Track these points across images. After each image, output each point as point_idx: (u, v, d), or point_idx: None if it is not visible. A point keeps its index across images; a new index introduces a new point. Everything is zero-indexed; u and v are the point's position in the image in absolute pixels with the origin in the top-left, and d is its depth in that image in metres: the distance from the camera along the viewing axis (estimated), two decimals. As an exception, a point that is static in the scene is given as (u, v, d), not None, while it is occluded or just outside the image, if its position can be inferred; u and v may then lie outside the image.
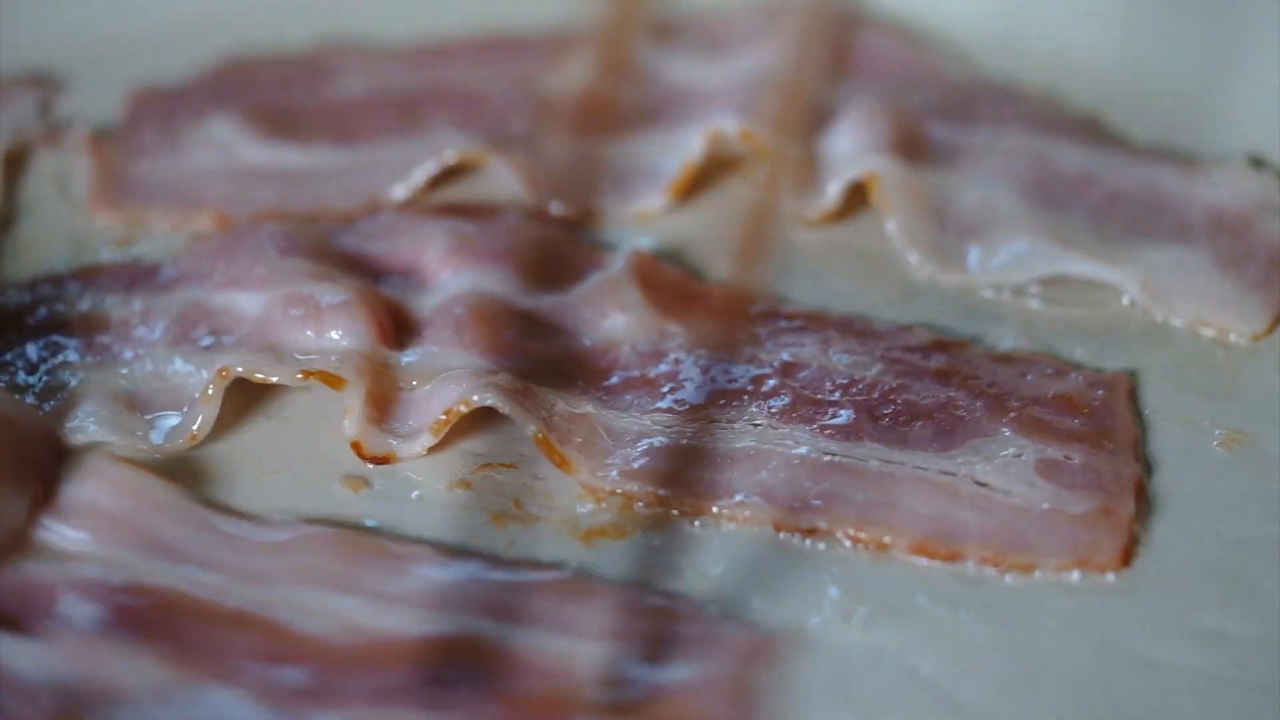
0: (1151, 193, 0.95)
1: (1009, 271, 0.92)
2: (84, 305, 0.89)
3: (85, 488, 0.76)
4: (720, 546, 0.79)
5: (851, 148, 0.96)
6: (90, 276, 0.92)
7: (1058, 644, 0.75)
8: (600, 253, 0.91)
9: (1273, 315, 0.90)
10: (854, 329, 0.87)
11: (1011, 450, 0.80)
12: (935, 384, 0.83)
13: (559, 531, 0.80)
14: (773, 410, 0.82)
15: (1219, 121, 1.01)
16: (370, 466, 0.82)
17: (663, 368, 0.85)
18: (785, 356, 0.85)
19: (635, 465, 0.80)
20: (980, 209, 0.94)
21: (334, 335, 0.85)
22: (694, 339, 0.86)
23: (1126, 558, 0.77)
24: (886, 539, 0.78)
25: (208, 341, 0.86)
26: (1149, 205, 0.95)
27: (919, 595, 0.77)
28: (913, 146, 0.97)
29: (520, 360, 0.84)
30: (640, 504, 0.80)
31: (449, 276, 0.88)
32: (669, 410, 0.83)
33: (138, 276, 0.91)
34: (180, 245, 0.94)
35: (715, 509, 0.79)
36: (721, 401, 0.83)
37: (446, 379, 0.82)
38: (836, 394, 0.83)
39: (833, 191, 0.95)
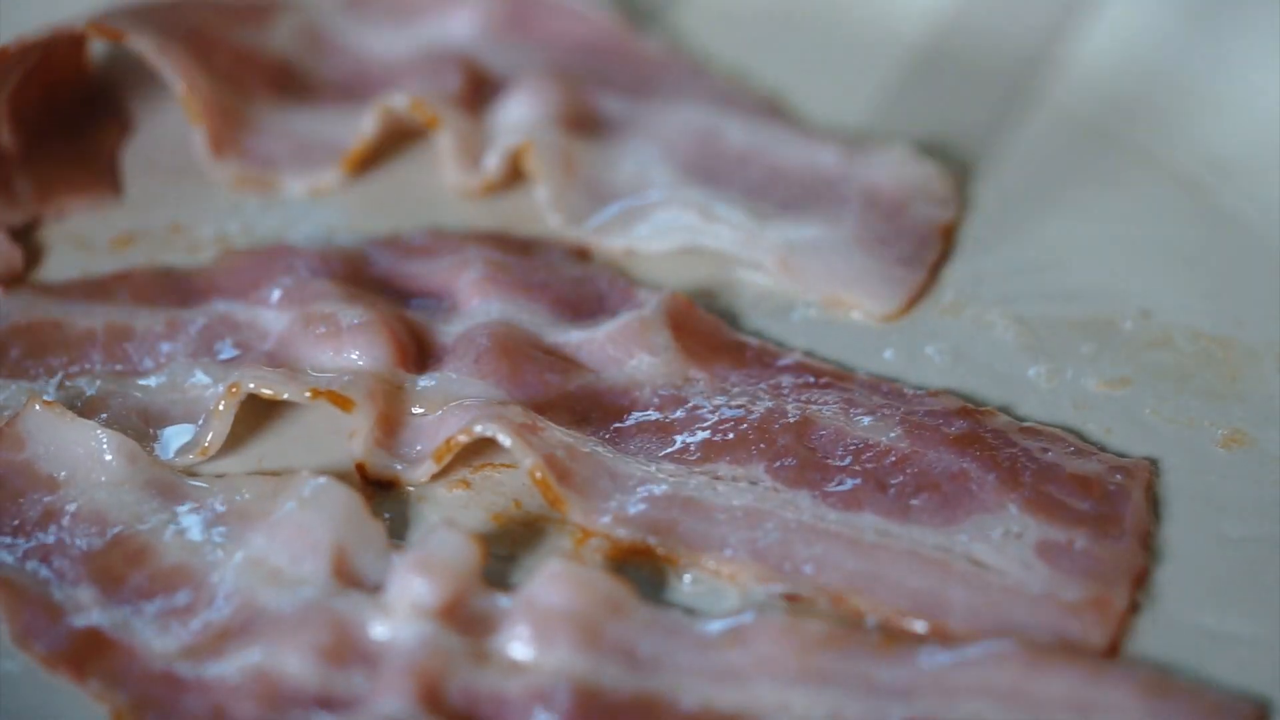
0: (810, 172, 0.97)
1: (651, 241, 0.94)
2: (111, 312, 0.89)
3: (544, 592, 0.74)
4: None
5: (518, 118, 0.98)
6: (120, 283, 0.91)
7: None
8: (637, 292, 0.91)
9: (907, 296, 0.91)
10: (880, 389, 0.86)
11: (1015, 529, 0.79)
12: (951, 453, 0.82)
13: (558, 531, 0.80)
14: (779, 470, 0.81)
15: (1219, 121, 1.01)
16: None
17: (679, 414, 0.84)
18: (805, 413, 0.84)
19: (630, 512, 0.80)
20: (634, 180, 0.97)
21: (353, 355, 0.85)
22: (716, 387, 0.86)
23: (1115, 649, 0.75)
24: (865, 607, 0.77)
25: (227, 355, 0.86)
26: (806, 184, 0.97)
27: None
28: (581, 118, 0.99)
29: (537, 393, 0.84)
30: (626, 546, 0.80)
31: (479, 304, 0.88)
32: (676, 458, 0.82)
33: (167, 286, 0.91)
34: (212, 257, 0.94)
35: (702, 561, 0.79)
36: (728, 457, 0.82)
37: (457, 407, 0.82)
38: (847, 459, 0.82)
39: (491, 162, 0.96)
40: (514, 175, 0.97)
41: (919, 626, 0.76)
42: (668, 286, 0.90)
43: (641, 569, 0.78)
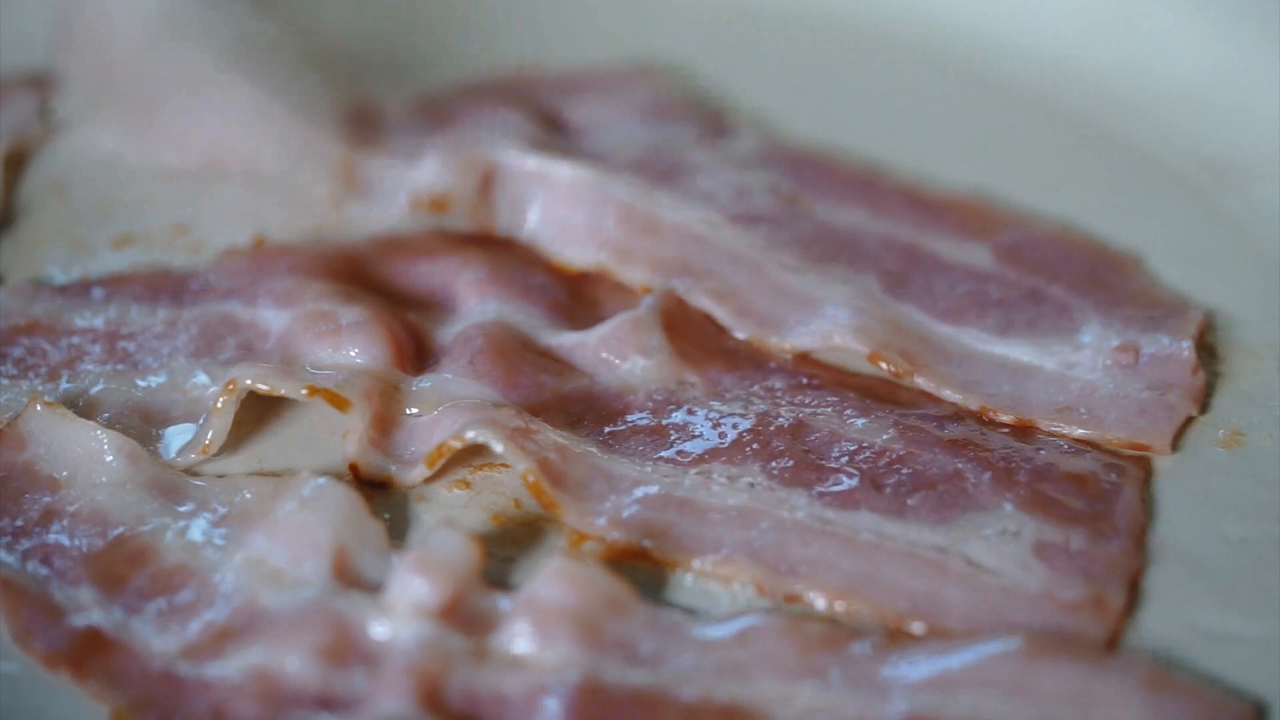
0: None
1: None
2: (111, 312, 0.89)
3: (545, 590, 0.75)
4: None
5: None
6: (120, 283, 0.92)
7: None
8: (636, 294, 0.91)
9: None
10: (875, 391, 0.86)
11: (1011, 527, 0.79)
12: (945, 453, 0.82)
13: (558, 532, 0.80)
14: (774, 471, 0.81)
15: (1219, 124, 1.02)
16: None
17: (674, 417, 0.84)
18: (799, 416, 0.84)
19: (624, 514, 0.80)
20: None
21: (351, 353, 0.85)
22: (710, 390, 0.86)
23: (1113, 648, 0.76)
24: (862, 609, 0.77)
25: (228, 354, 0.87)
26: None
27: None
28: None
29: (531, 395, 0.84)
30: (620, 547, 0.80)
31: (476, 304, 0.89)
32: (671, 460, 0.82)
33: (167, 286, 0.91)
34: (212, 257, 0.94)
35: (697, 563, 0.79)
36: (724, 458, 0.82)
37: (451, 409, 0.82)
38: (843, 460, 0.82)
39: None
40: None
41: (916, 628, 0.76)
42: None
43: (641, 568, 0.78)
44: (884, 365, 0.86)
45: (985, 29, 1.09)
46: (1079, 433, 0.84)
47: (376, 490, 0.82)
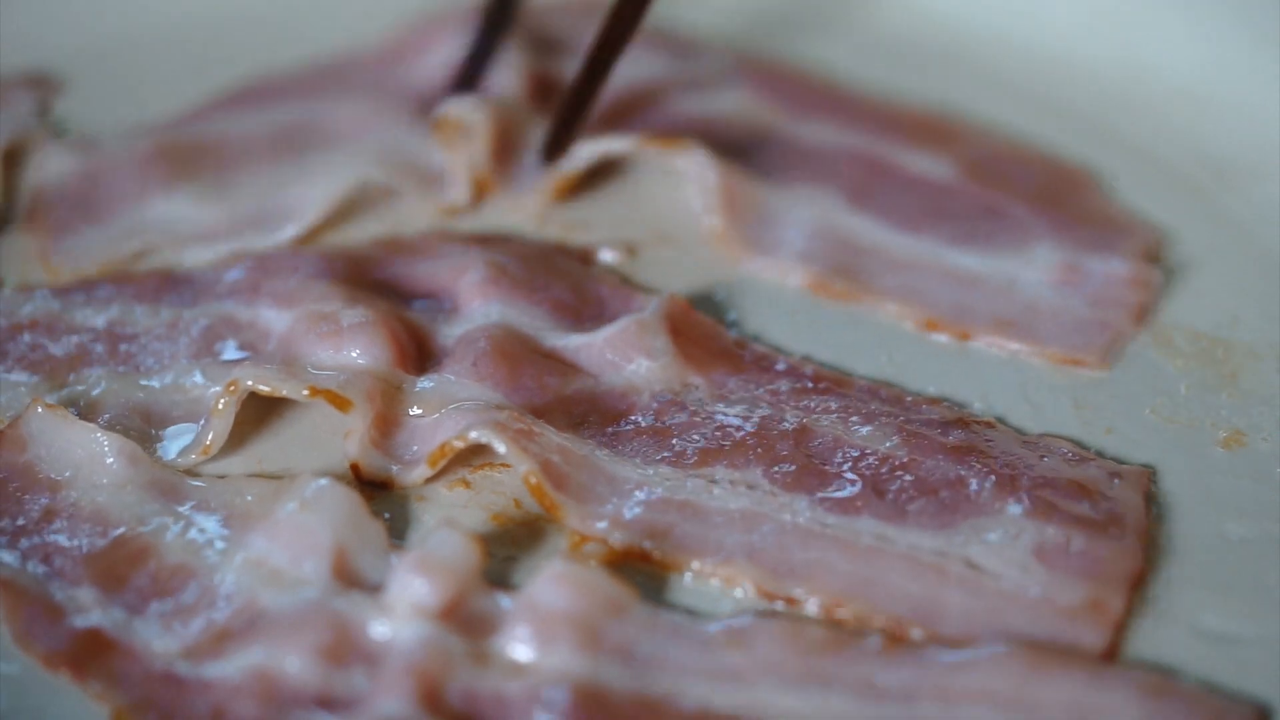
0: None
1: None
2: (113, 312, 0.89)
3: (545, 593, 0.74)
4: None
5: None
6: (122, 283, 0.92)
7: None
8: (637, 296, 0.91)
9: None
10: (879, 395, 0.86)
11: (1012, 531, 0.79)
12: (949, 460, 0.82)
13: (558, 532, 0.80)
14: (776, 475, 0.82)
15: (1219, 122, 1.02)
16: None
17: (678, 419, 0.84)
18: (803, 420, 0.84)
19: (626, 517, 0.80)
20: None
21: (353, 354, 0.85)
22: (714, 393, 0.86)
23: (1113, 652, 0.76)
24: (862, 613, 0.77)
25: (230, 355, 0.87)
26: None
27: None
28: None
29: (535, 397, 0.84)
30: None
31: (479, 306, 0.89)
32: (673, 462, 0.83)
33: (169, 286, 0.91)
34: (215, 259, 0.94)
35: (697, 564, 0.79)
36: (726, 461, 0.82)
37: (454, 411, 0.83)
38: (845, 465, 0.82)
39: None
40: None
41: (915, 633, 0.76)
42: (667, 289, 0.90)
43: (642, 569, 0.79)
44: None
45: (984, 24, 1.10)
46: (1015, 346, 0.89)
47: (376, 490, 0.82)
